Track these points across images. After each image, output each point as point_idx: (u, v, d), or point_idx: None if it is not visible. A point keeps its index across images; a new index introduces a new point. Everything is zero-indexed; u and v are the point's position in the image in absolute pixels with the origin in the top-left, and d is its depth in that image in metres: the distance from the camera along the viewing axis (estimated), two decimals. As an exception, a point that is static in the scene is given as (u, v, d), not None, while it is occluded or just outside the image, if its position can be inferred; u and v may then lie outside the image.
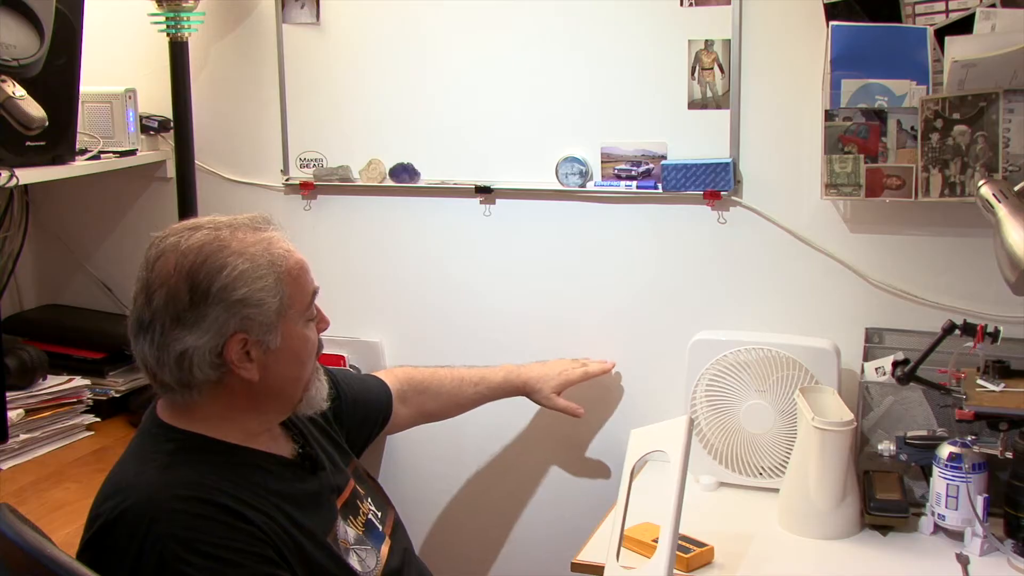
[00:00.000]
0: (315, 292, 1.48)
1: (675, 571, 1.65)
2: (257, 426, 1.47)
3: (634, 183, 2.12)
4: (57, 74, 2.06)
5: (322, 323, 1.52)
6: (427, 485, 2.40)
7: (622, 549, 1.71)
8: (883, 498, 1.80)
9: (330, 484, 1.54)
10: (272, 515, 1.37)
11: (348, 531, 1.51)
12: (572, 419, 2.22)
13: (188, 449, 1.39)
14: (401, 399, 1.96)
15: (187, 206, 2.29)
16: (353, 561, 1.48)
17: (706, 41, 2.03)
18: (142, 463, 1.38)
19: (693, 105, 2.06)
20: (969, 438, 1.75)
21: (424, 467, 2.39)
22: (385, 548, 1.57)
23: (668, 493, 1.48)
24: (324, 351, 1.75)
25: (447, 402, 2.05)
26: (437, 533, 2.40)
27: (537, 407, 2.22)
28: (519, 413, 2.29)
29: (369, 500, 1.62)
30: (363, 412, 1.84)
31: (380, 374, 2.00)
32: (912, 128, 1.84)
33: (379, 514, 1.62)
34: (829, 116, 1.89)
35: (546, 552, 2.31)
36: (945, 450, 1.75)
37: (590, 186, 2.15)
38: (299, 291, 1.44)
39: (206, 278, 1.36)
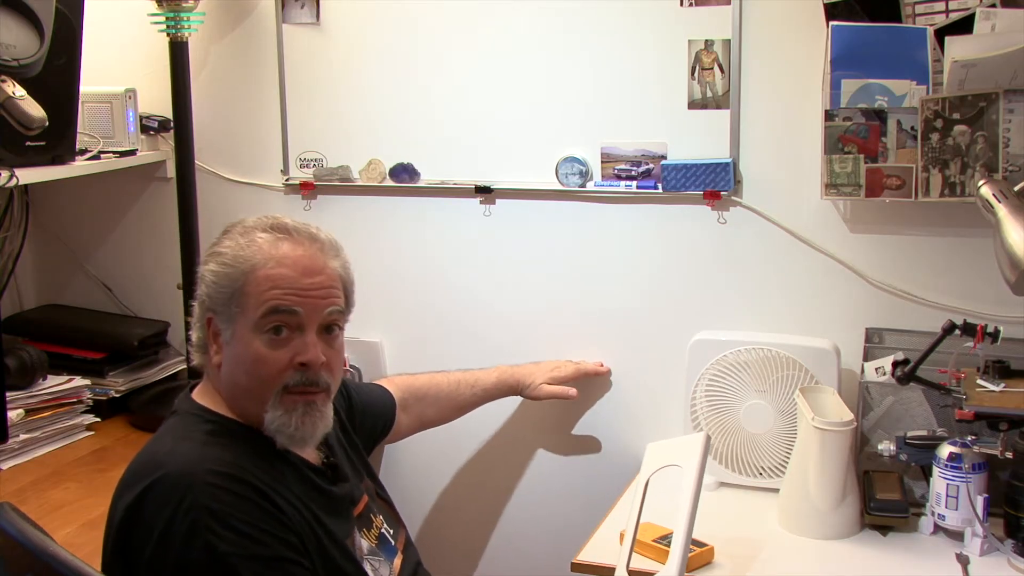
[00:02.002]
0: (275, 310, 1.40)
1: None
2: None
3: (634, 183, 2.12)
4: (57, 74, 2.06)
5: (301, 354, 1.42)
6: (427, 486, 2.39)
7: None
8: (883, 498, 1.80)
9: (350, 494, 1.55)
10: (298, 507, 1.39)
11: (362, 542, 1.52)
12: (572, 420, 2.23)
13: (225, 432, 1.42)
14: (402, 407, 1.96)
15: (187, 206, 2.29)
16: (368, 569, 1.49)
17: (706, 41, 2.03)
18: (179, 439, 1.40)
19: (693, 105, 2.06)
20: (969, 438, 1.75)
21: (424, 468, 2.39)
22: (398, 561, 1.58)
23: (680, 511, 1.47)
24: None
25: (445, 407, 2.06)
26: (437, 533, 2.40)
27: (528, 400, 2.23)
28: (519, 413, 2.29)
29: (382, 516, 1.62)
30: (371, 421, 1.85)
31: (382, 381, 2.00)
32: (912, 128, 1.84)
33: (391, 531, 1.62)
34: (829, 116, 1.89)
35: (546, 552, 2.31)
36: (945, 450, 1.75)
37: (590, 186, 2.15)
38: (252, 299, 1.41)
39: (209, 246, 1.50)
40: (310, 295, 1.43)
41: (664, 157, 2.09)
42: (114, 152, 2.31)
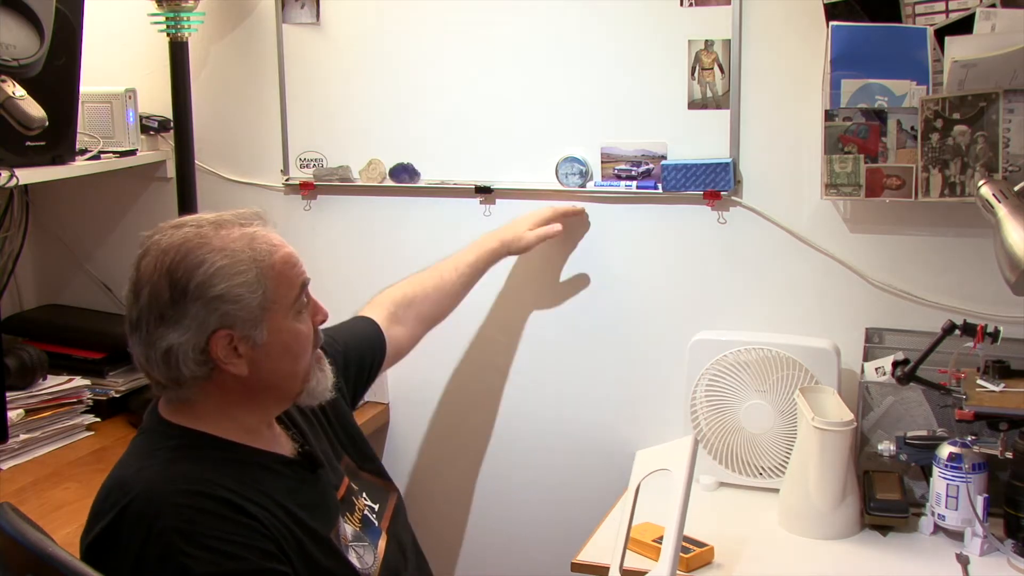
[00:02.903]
0: (304, 284, 1.46)
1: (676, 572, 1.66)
2: (256, 421, 1.46)
3: (634, 183, 2.12)
4: (57, 74, 2.06)
5: (318, 314, 1.49)
6: (425, 485, 2.40)
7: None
8: (883, 498, 1.80)
9: (329, 481, 1.54)
10: (273, 511, 1.37)
11: (346, 527, 1.51)
12: (572, 420, 2.23)
13: (190, 446, 1.39)
14: (393, 320, 1.94)
15: (187, 206, 2.29)
16: (352, 558, 1.48)
17: (706, 41, 2.03)
18: (144, 459, 1.38)
19: (693, 105, 2.06)
20: (969, 438, 1.75)
21: (423, 468, 2.39)
22: (382, 543, 1.56)
23: (671, 513, 1.46)
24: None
25: (437, 298, 2.04)
26: (436, 533, 2.40)
27: (529, 400, 2.25)
28: (519, 412, 2.30)
29: (364, 495, 1.61)
30: (358, 358, 1.83)
31: (363, 310, 1.97)
32: (912, 128, 1.84)
33: (375, 507, 1.61)
34: (829, 116, 1.89)
35: (546, 552, 2.31)
36: (945, 450, 1.75)
37: (590, 186, 2.15)
38: (285, 285, 1.42)
39: (184, 275, 1.36)
40: (301, 261, 1.47)
41: (664, 157, 2.09)
42: (114, 152, 2.30)
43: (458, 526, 2.39)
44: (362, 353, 1.85)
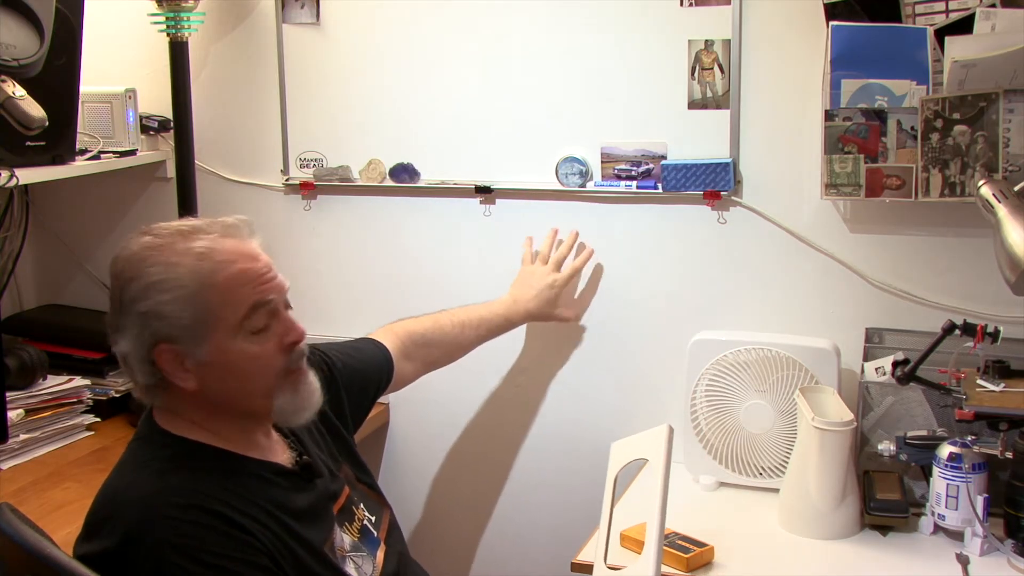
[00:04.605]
0: (258, 304, 1.38)
1: (676, 572, 1.66)
2: (239, 431, 1.44)
3: (634, 183, 2.12)
4: (57, 74, 2.06)
5: (288, 334, 1.41)
6: (426, 486, 2.40)
7: (621, 548, 1.72)
8: (883, 498, 1.80)
9: (328, 491, 1.52)
10: (268, 524, 1.36)
11: (344, 538, 1.50)
12: (571, 420, 2.24)
13: (185, 456, 1.38)
14: (405, 355, 1.93)
15: (187, 206, 2.29)
16: (350, 568, 1.46)
17: (706, 41, 2.03)
18: (139, 470, 1.37)
19: (693, 105, 2.06)
20: (969, 438, 1.75)
21: (423, 468, 2.39)
22: (381, 553, 1.56)
23: (652, 503, 1.46)
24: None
25: (451, 348, 2.05)
26: (436, 534, 2.40)
27: (529, 401, 2.26)
28: (519, 412, 2.30)
29: (363, 505, 1.60)
30: (362, 382, 1.81)
31: (377, 334, 1.96)
32: (912, 128, 1.84)
33: (373, 519, 1.60)
34: (829, 116, 1.89)
35: (546, 552, 2.31)
36: (945, 450, 1.75)
37: (590, 186, 2.15)
38: (229, 304, 1.37)
39: (123, 287, 1.37)
40: (268, 278, 1.41)
41: (664, 157, 2.09)
42: (114, 152, 2.30)
43: (458, 526, 2.39)
44: (368, 378, 1.84)
